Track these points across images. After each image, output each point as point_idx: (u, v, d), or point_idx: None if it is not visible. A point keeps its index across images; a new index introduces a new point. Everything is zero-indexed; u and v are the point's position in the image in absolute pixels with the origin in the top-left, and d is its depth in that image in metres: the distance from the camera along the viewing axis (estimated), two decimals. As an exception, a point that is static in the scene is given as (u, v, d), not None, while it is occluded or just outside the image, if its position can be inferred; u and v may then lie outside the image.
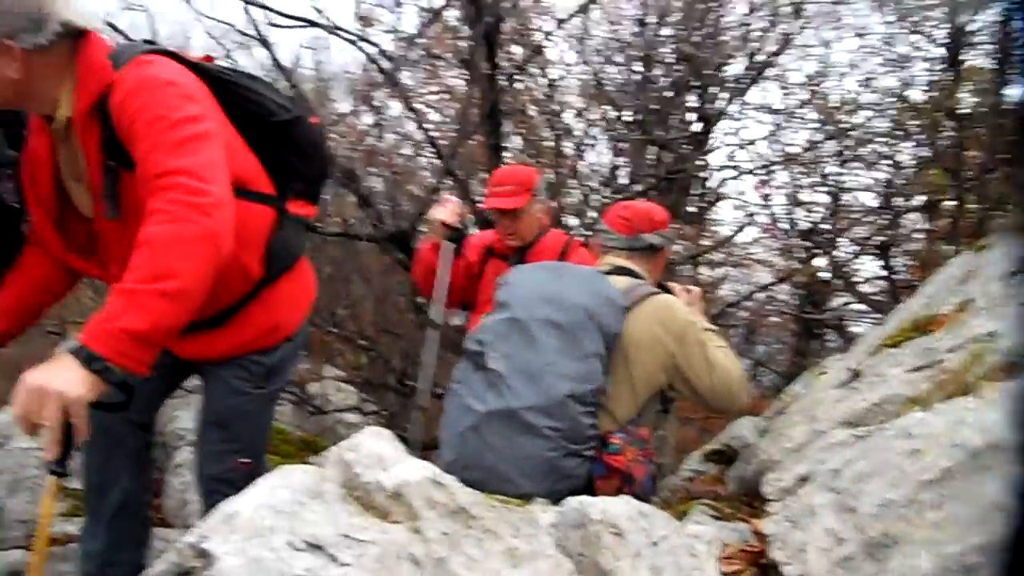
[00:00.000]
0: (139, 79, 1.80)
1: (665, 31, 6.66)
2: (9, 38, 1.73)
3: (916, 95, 6.39)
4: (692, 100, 7.09)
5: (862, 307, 7.16)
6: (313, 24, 5.08)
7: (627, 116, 6.46)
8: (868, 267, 7.35)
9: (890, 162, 6.67)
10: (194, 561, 1.18)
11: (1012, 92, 5.05)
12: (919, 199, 6.61)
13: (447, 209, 3.40)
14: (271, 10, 4.95)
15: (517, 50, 6.05)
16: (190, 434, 3.86)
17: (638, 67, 6.69)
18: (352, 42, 5.03)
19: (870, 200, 7.12)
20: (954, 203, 5.84)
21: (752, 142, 6.98)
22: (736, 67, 6.85)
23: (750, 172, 6.93)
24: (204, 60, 2.05)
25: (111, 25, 4.64)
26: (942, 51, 6.39)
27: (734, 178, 7.21)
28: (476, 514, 1.44)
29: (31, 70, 1.78)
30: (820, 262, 6.89)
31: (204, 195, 1.67)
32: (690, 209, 7.09)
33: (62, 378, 1.53)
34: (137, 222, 1.72)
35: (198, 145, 1.75)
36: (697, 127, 7.00)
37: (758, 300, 7.65)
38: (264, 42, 4.96)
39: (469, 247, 3.44)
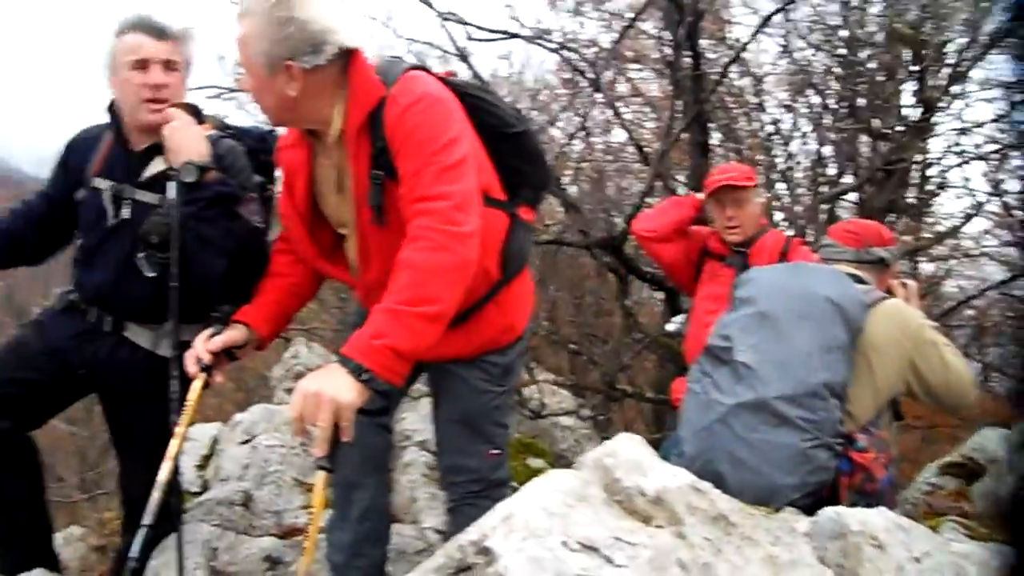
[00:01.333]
0: (411, 97, 1.93)
1: (873, 10, 6.29)
2: (291, 59, 1.89)
3: None
4: (909, 84, 6.62)
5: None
6: (513, 36, 5.21)
7: (836, 105, 6.16)
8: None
9: None
10: (475, 558, 1.24)
11: None
12: None
13: None
14: (470, 24, 5.12)
15: (716, 45, 5.94)
16: (417, 434, 4.08)
17: (845, 51, 6.35)
18: (554, 50, 5.12)
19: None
20: None
21: (980, 124, 6.41)
22: (959, 42, 6.31)
23: (979, 158, 6.37)
24: (447, 75, 2.16)
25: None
26: None
27: (959, 165, 6.66)
28: (735, 521, 1.43)
29: (307, 89, 1.94)
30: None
31: (461, 225, 1.83)
32: (909, 200, 6.63)
33: (335, 385, 1.71)
34: (397, 229, 1.91)
35: (459, 172, 1.89)
36: (916, 113, 6.53)
37: (989, 298, 7.03)
38: (463, 56, 5.14)
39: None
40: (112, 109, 2.57)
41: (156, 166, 2.51)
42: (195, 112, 2.52)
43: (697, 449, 2.27)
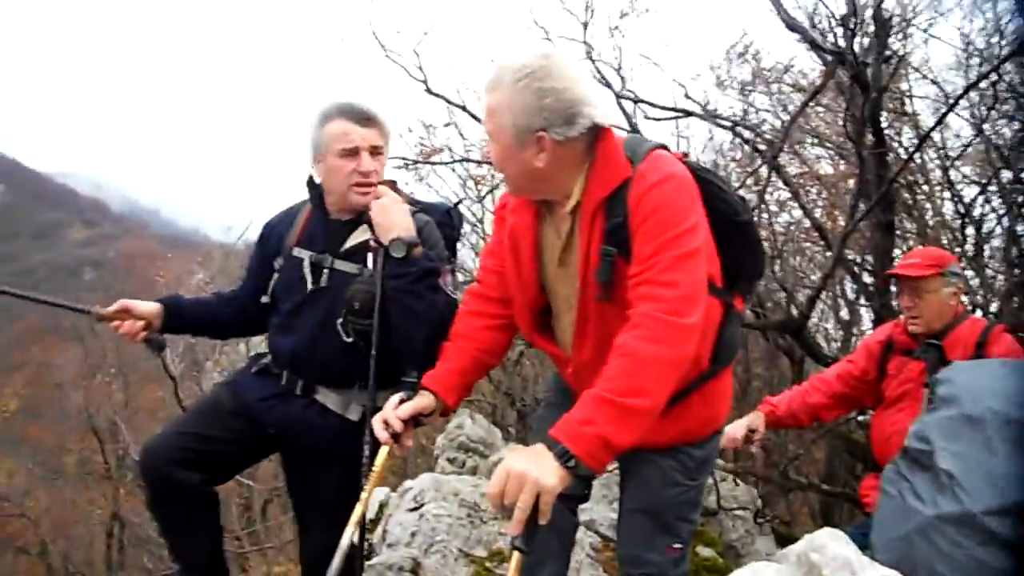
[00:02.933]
0: (659, 175, 1.92)
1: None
2: (543, 131, 1.93)
3: None
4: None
5: None
6: (688, 114, 5.22)
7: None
8: None
9: None
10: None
11: None
12: None
13: None
14: (645, 102, 5.17)
15: (897, 119, 5.70)
16: (584, 513, 4.01)
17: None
18: (729, 128, 5.08)
19: None
20: None
21: None
22: None
23: None
24: (681, 157, 2.12)
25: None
26: None
27: None
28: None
29: (555, 160, 1.97)
30: None
31: (686, 317, 1.81)
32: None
33: (540, 468, 1.70)
34: (620, 309, 1.89)
35: (693, 263, 1.87)
36: None
37: None
38: (635, 131, 5.16)
39: (857, 350, 3.33)
40: (312, 183, 2.75)
41: (357, 237, 2.64)
42: (395, 188, 2.66)
43: (892, 558, 2.08)
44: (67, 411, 14.58)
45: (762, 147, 5.02)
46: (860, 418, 3.53)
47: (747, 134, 5.04)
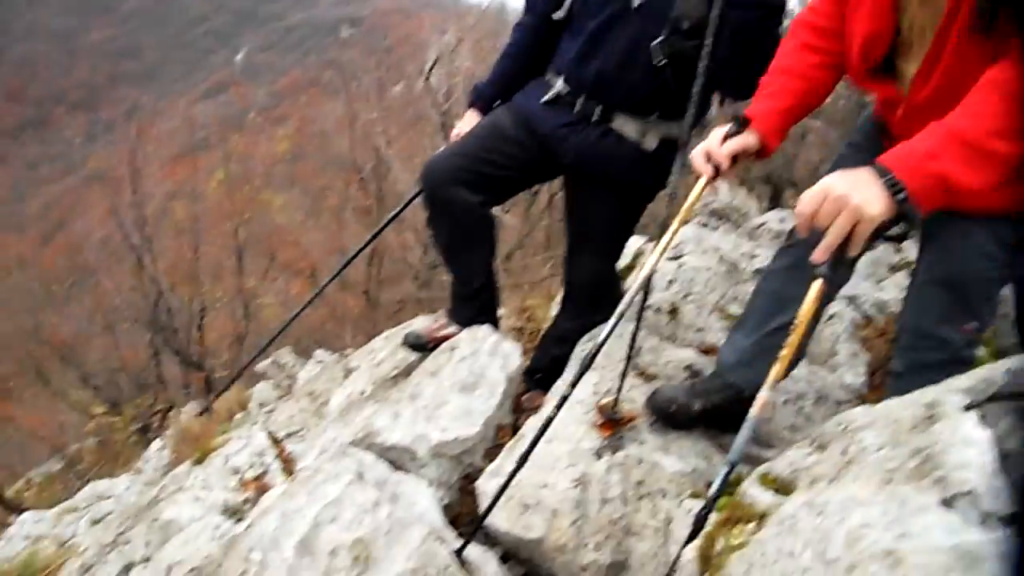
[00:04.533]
0: None
1: None
2: None
3: None
4: None
5: None
6: None
7: None
8: None
9: None
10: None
11: None
12: None
13: None
14: None
15: None
16: (846, 288, 3.80)
17: None
18: None
19: None
20: None
21: None
22: None
23: None
24: None
25: None
26: None
27: None
28: None
29: None
30: None
31: None
32: None
33: (864, 195, 1.53)
34: (991, 44, 1.61)
35: None
36: None
37: None
38: None
39: None
40: None
41: None
42: None
43: None
44: (331, 156, 15.78)
45: None
46: None
47: None
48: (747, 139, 2.08)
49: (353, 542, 2.01)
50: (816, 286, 1.71)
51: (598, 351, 2.16)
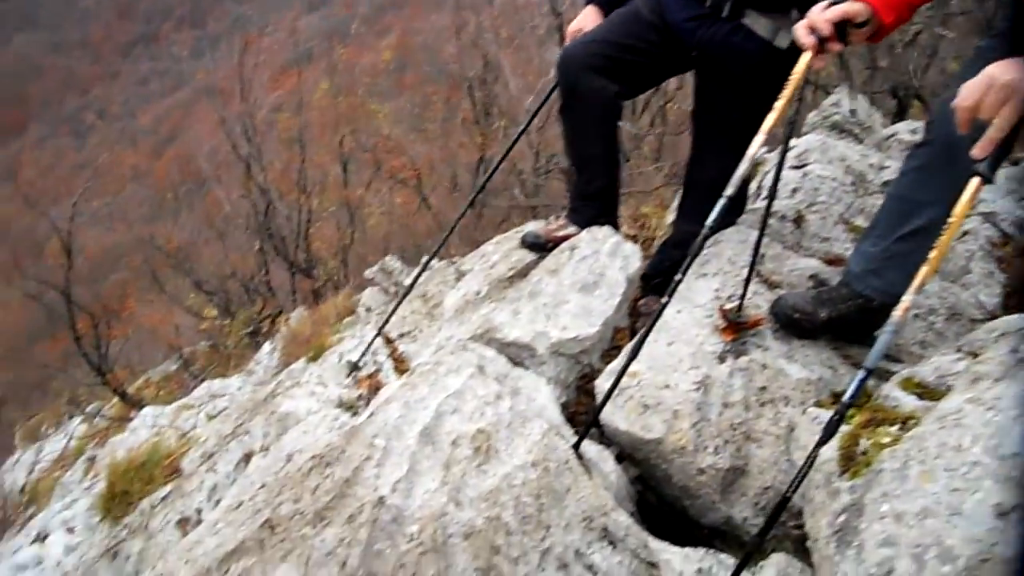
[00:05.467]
0: None
1: None
2: None
3: None
4: None
5: None
6: None
7: None
8: None
9: None
10: None
11: None
12: None
13: None
14: None
15: None
16: (982, 205, 3.59)
17: None
18: None
19: None
20: None
21: None
22: None
23: None
24: None
25: None
26: None
27: None
28: None
29: None
30: None
31: None
32: None
33: None
34: None
35: None
36: None
37: None
38: None
39: None
40: None
41: None
42: None
43: None
44: (436, 65, 15.71)
45: None
46: None
47: None
48: (852, 7, 1.96)
49: (475, 433, 2.03)
50: (973, 184, 1.59)
51: (709, 235, 2.10)
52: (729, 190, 2.13)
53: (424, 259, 3.67)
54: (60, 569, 3.41)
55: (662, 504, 2.37)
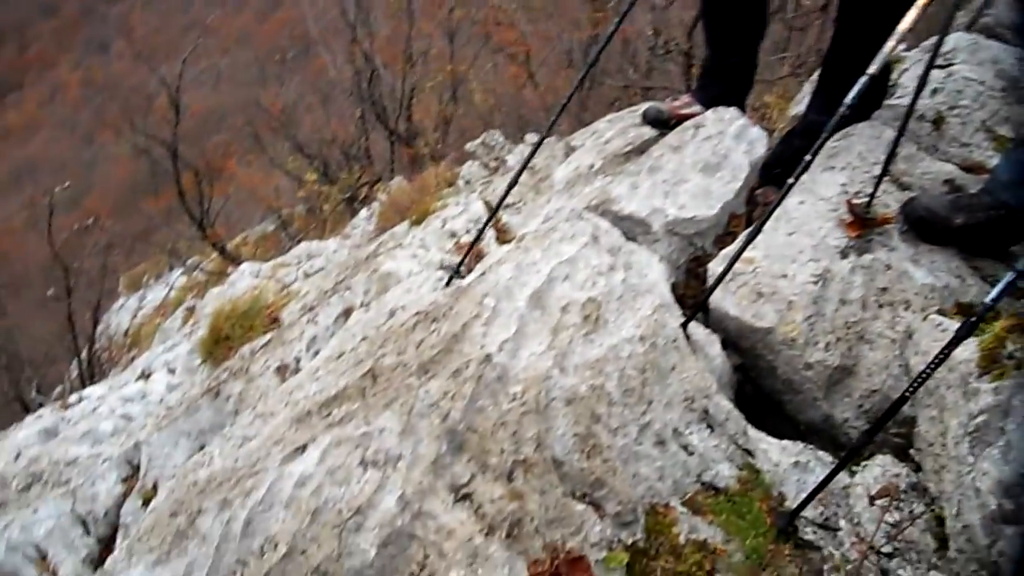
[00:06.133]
0: None
1: None
2: None
3: None
4: None
5: None
6: None
7: None
8: None
9: None
10: None
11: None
12: None
13: None
14: None
15: None
16: None
17: None
18: None
19: None
20: None
21: None
22: None
23: None
24: None
25: None
26: None
27: None
28: None
29: None
30: None
31: None
32: None
33: None
34: None
35: None
36: None
37: None
38: None
39: None
40: None
41: None
42: None
43: None
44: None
45: None
46: None
47: None
48: None
49: (585, 301, 2.01)
50: None
51: (847, 115, 1.99)
52: (872, 67, 1.99)
53: (534, 135, 3.60)
54: (163, 404, 3.60)
55: (759, 396, 2.34)
